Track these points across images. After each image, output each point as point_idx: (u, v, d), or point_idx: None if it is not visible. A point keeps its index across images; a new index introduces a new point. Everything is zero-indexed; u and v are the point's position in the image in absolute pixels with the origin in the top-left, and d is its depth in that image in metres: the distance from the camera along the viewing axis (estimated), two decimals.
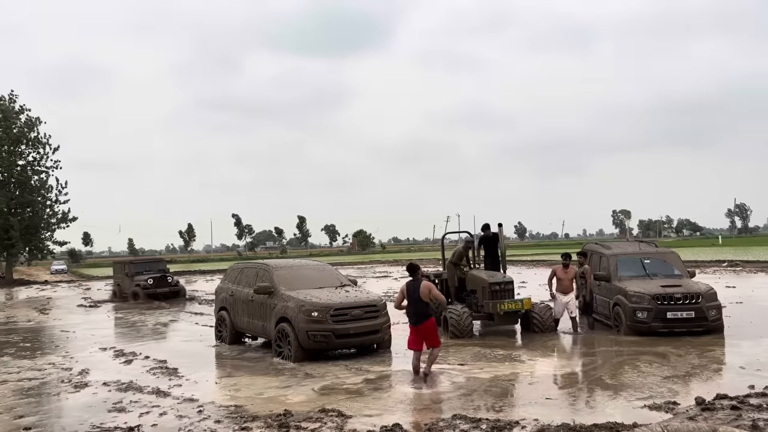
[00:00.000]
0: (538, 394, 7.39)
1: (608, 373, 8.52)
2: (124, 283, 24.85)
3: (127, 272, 24.88)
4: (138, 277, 24.35)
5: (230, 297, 12.10)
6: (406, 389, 7.97)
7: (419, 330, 8.50)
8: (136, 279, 24.28)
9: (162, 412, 7.13)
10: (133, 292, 23.79)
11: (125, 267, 25.52)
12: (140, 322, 16.93)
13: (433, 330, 8.57)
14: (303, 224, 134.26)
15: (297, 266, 11.85)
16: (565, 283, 11.93)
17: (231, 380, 8.95)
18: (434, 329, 8.60)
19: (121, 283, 25.20)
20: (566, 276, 11.94)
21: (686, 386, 7.56)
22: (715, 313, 11.07)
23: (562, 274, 11.97)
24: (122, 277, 25.13)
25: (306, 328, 9.75)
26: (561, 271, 12.00)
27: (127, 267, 25.39)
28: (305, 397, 7.67)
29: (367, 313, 10.15)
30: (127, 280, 24.61)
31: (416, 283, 8.63)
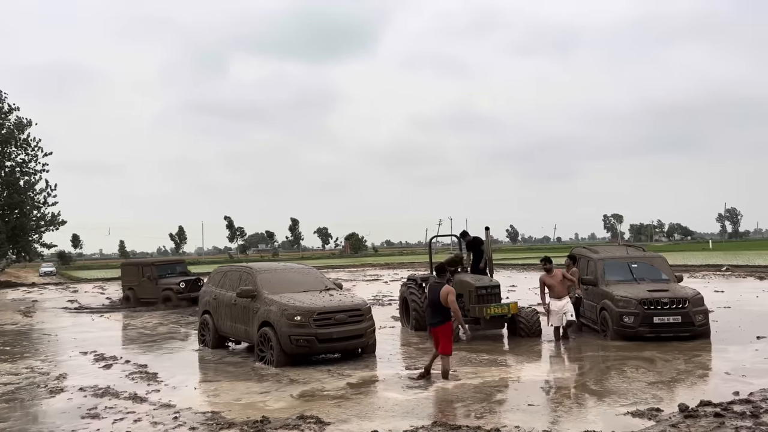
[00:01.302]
0: (521, 400, 7.28)
1: (593, 378, 8.43)
2: (144, 287, 22.58)
3: (149, 275, 22.47)
4: (164, 281, 22.11)
5: (213, 300, 11.93)
6: (388, 395, 7.84)
7: (436, 332, 8.50)
8: (162, 282, 22.00)
9: (137, 418, 6.97)
10: (165, 297, 21.48)
11: (145, 269, 22.99)
12: (126, 326, 16.72)
13: (448, 334, 8.47)
14: (296, 227, 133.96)
15: (281, 269, 11.70)
16: (557, 288, 11.35)
17: (211, 385, 8.79)
18: (448, 334, 8.48)
19: (136, 287, 22.94)
20: (554, 280, 11.40)
21: (671, 392, 7.48)
22: (702, 318, 11.01)
23: (550, 279, 11.43)
24: (140, 280, 22.84)
25: (288, 333, 9.60)
26: (547, 278, 11.45)
27: (150, 269, 22.87)
28: (285, 403, 7.53)
29: (351, 317, 10.01)
30: (149, 284, 22.31)
31: (438, 286, 8.60)
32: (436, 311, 8.54)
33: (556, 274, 11.39)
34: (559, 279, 11.38)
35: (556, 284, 11.32)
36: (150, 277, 22.43)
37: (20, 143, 40.82)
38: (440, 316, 8.50)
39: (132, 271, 23.73)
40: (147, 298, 22.36)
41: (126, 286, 23.84)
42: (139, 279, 22.96)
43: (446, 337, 8.46)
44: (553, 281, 11.35)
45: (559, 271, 11.46)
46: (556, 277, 11.37)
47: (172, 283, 21.95)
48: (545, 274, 11.49)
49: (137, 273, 23.11)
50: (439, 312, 8.49)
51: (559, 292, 11.31)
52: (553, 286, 11.32)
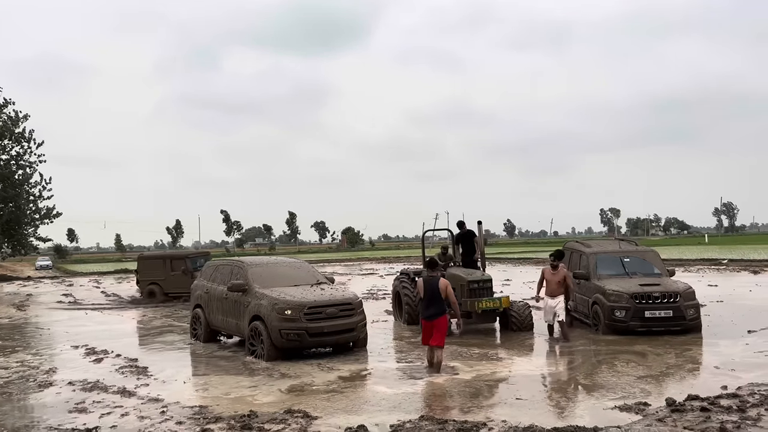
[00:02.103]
0: (510, 394, 7.28)
1: (584, 372, 8.44)
2: (173, 281, 21.68)
3: (184, 268, 21.50)
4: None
5: (205, 294, 11.91)
6: (377, 389, 7.83)
7: (432, 324, 8.50)
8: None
9: (124, 412, 6.94)
10: None
11: (176, 262, 22.14)
12: (118, 321, 16.69)
13: (443, 327, 8.55)
14: (293, 221, 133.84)
15: (272, 264, 11.67)
16: (553, 286, 10.88)
17: (200, 379, 8.77)
18: (444, 327, 8.59)
19: (162, 281, 22.07)
20: (554, 278, 10.89)
21: (659, 386, 7.48)
22: (693, 312, 11.02)
23: (550, 275, 10.99)
24: (167, 274, 22.01)
25: (279, 327, 9.58)
26: (549, 273, 11.03)
27: (183, 262, 21.90)
28: (274, 397, 7.52)
29: (342, 311, 9.99)
30: (181, 277, 21.23)
31: (434, 279, 8.64)
32: (432, 304, 8.56)
33: (559, 272, 10.93)
34: (559, 279, 10.87)
35: (554, 283, 10.87)
36: (185, 271, 21.45)
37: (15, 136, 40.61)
38: (436, 308, 8.53)
39: (156, 265, 22.68)
40: (177, 292, 21.37)
41: (148, 280, 22.62)
42: (167, 272, 22.06)
43: (442, 330, 8.53)
44: (552, 279, 10.91)
45: (563, 271, 10.98)
46: (557, 275, 10.90)
47: None
48: (548, 269, 11.10)
49: (163, 266, 22.21)
50: (436, 305, 8.53)
51: (553, 290, 10.85)
52: (550, 282, 10.92)
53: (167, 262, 22.42)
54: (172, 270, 21.97)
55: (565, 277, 10.91)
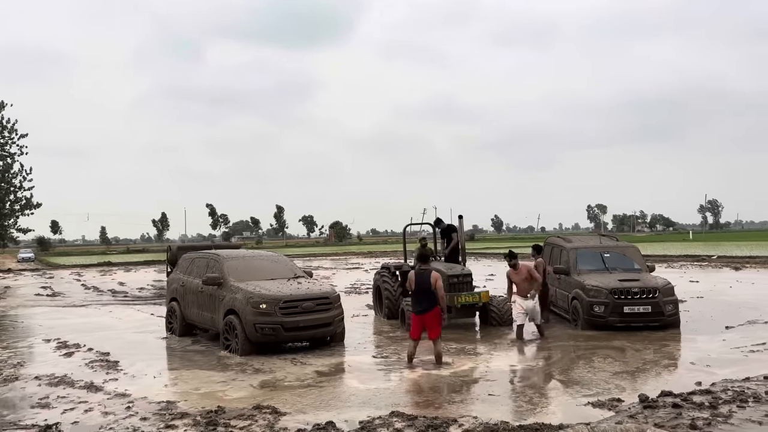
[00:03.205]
0: (484, 390, 7.19)
1: (560, 368, 8.37)
2: None
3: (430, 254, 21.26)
4: None
5: (181, 287, 11.72)
6: (350, 384, 7.72)
7: (425, 318, 8.45)
8: None
9: (88, 408, 6.76)
10: None
11: None
12: (97, 314, 16.42)
13: (437, 319, 8.56)
14: (281, 214, 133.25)
15: (249, 257, 11.50)
16: (521, 286, 10.37)
17: (172, 374, 8.61)
18: (438, 319, 8.59)
19: None
20: (519, 277, 10.39)
21: (634, 382, 7.42)
22: (672, 308, 11.00)
23: (515, 276, 10.47)
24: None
25: (253, 321, 9.42)
26: (513, 274, 10.50)
27: None
28: (245, 392, 7.37)
29: (319, 305, 9.85)
30: None
31: (426, 272, 8.59)
32: (424, 298, 8.50)
33: (521, 270, 10.43)
34: (524, 276, 10.39)
35: (520, 281, 10.39)
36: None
37: None
38: (428, 302, 8.49)
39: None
40: None
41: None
42: None
43: (437, 322, 8.54)
44: (517, 278, 10.43)
45: (524, 268, 10.45)
46: (521, 273, 10.41)
47: None
48: (511, 270, 10.59)
49: None
50: (428, 299, 8.49)
51: (523, 290, 10.39)
52: (518, 283, 10.43)
53: None
54: None
55: (529, 272, 10.38)
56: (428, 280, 8.49)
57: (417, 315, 8.56)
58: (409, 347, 8.70)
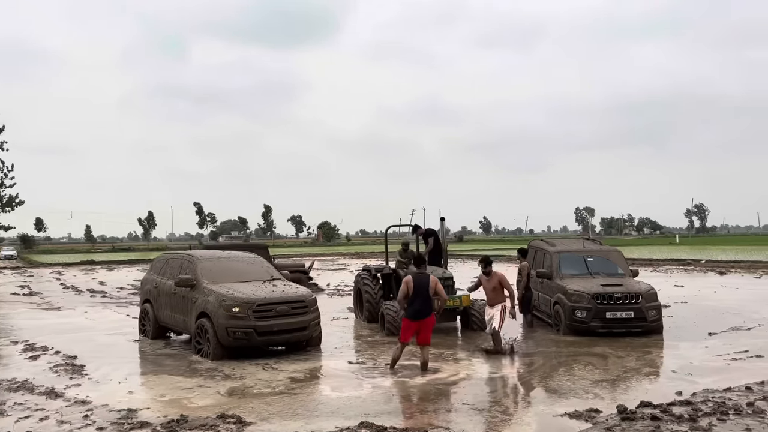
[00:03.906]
0: (459, 398, 6.95)
1: (539, 376, 8.16)
2: None
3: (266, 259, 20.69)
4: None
5: (154, 289, 11.39)
6: (322, 392, 7.47)
7: (420, 324, 8.23)
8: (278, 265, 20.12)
9: (44, 416, 6.44)
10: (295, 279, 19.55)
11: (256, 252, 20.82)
12: (71, 314, 16.01)
13: (431, 325, 8.38)
14: (268, 214, 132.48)
15: (224, 258, 11.20)
16: (489, 294, 9.73)
17: (138, 379, 8.30)
18: (432, 326, 8.41)
19: None
20: (489, 285, 9.71)
21: (614, 392, 7.22)
22: (655, 314, 10.84)
23: (486, 283, 9.81)
24: None
25: (225, 324, 9.13)
26: (484, 280, 9.86)
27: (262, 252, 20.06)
28: (212, 400, 7.08)
29: (294, 309, 9.57)
30: None
31: (424, 276, 8.36)
32: (421, 302, 8.27)
33: (492, 278, 9.71)
34: (493, 285, 9.65)
35: (489, 290, 9.70)
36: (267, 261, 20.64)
37: None
38: (426, 308, 8.29)
39: None
40: None
41: None
42: None
43: (430, 329, 8.35)
44: (487, 285, 9.74)
45: (495, 277, 9.70)
46: (491, 282, 9.69)
47: (294, 266, 20.81)
48: (482, 276, 9.93)
49: None
50: (426, 303, 8.27)
51: (491, 299, 9.72)
52: (487, 291, 9.77)
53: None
54: None
55: (500, 282, 9.64)
56: (426, 284, 8.25)
57: (411, 320, 8.29)
58: (396, 350, 8.45)
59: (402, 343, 8.38)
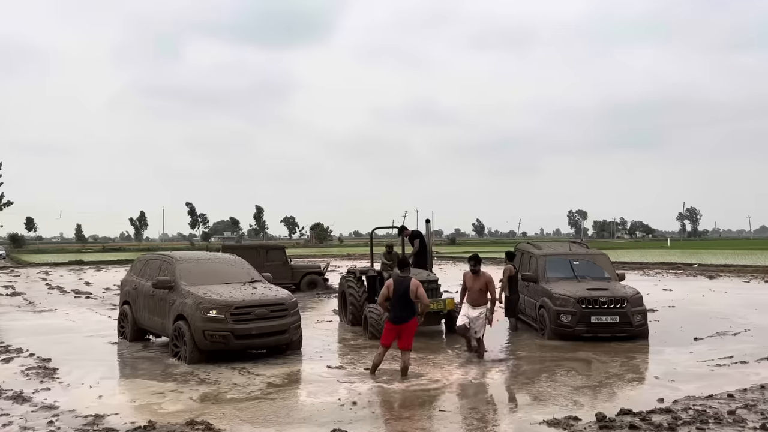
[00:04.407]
0: (436, 405, 6.80)
1: (520, 382, 8.02)
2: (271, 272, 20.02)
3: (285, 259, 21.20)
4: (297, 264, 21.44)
5: (133, 290, 11.19)
6: (299, 397, 7.31)
7: (402, 328, 8.06)
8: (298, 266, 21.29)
9: (8, 422, 6.25)
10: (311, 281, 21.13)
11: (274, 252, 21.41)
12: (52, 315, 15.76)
13: (413, 330, 8.21)
14: (260, 215, 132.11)
15: (204, 260, 11.02)
16: (474, 294, 9.37)
17: (110, 383, 8.10)
18: (414, 330, 8.24)
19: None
20: (476, 285, 9.33)
21: (594, 398, 7.09)
22: (640, 319, 10.73)
23: (471, 282, 9.43)
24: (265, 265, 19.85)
25: (203, 327, 8.95)
26: (470, 279, 9.47)
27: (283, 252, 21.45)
28: (183, 405, 6.90)
29: (274, 312, 9.40)
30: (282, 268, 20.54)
31: (406, 279, 8.19)
32: (403, 306, 8.11)
33: (480, 278, 9.32)
34: (480, 286, 9.27)
35: (475, 291, 9.33)
36: (285, 262, 21.11)
37: None
38: (408, 311, 8.12)
39: (250, 255, 20.49)
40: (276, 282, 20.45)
41: None
42: (261, 263, 20.21)
43: (412, 333, 8.19)
44: (473, 286, 9.35)
45: (484, 278, 9.30)
46: (478, 282, 9.30)
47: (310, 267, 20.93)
48: (469, 274, 9.54)
49: (257, 256, 20.50)
50: (408, 307, 8.12)
51: (475, 299, 9.35)
52: (472, 290, 9.39)
53: (262, 252, 21.29)
54: (269, 261, 20.72)
55: (487, 284, 9.29)
56: (407, 287, 8.09)
57: (393, 324, 8.13)
58: (377, 355, 8.28)
59: (383, 347, 8.21)
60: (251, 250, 22.01)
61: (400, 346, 8.19)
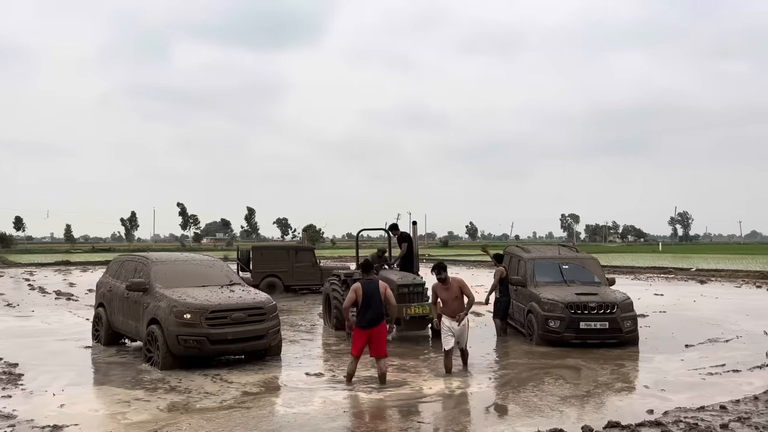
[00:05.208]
0: (414, 416, 6.46)
1: (505, 391, 7.69)
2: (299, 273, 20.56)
3: (313, 261, 20.97)
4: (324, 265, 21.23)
5: (108, 292, 10.80)
6: (272, 406, 6.95)
7: (371, 333, 7.70)
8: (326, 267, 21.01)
9: None
10: None
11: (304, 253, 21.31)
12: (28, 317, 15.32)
13: (384, 335, 7.84)
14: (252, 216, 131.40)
15: (180, 261, 10.64)
16: (450, 305, 8.42)
17: (76, 390, 7.69)
18: (385, 334, 7.86)
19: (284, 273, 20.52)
20: (449, 294, 8.44)
21: (582, 409, 6.78)
22: (630, 325, 10.45)
23: (443, 292, 8.50)
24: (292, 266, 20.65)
25: (176, 332, 8.58)
26: (440, 289, 8.52)
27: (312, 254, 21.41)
28: (148, 415, 6.53)
29: (252, 316, 9.04)
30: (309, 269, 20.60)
31: (373, 282, 7.86)
32: (371, 310, 7.76)
33: (451, 285, 8.48)
34: (455, 294, 8.43)
35: (450, 300, 8.43)
36: (314, 263, 20.87)
37: None
38: (377, 314, 7.78)
39: (277, 256, 21.05)
40: (304, 284, 20.62)
41: (265, 272, 20.56)
42: (290, 264, 20.46)
43: (383, 338, 7.84)
44: (446, 294, 8.48)
45: (456, 283, 8.51)
46: (451, 289, 8.46)
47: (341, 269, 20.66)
48: (437, 284, 8.57)
49: (287, 257, 20.66)
50: (376, 311, 7.77)
51: (453, 309, 8.43)
52: (447, 301, 8.46)
53: (291, 253, 21.05)
54: (298, 262, 20.62)
55: (461, 288, 8.45)
56: (375, 290, 7.77)
57: (363, 329, 7.77)
58: (350, 365, 7.92)
59: (354, 357, 7.86)
60: (281, 250, 21.95)
61: (374, 354, 7.82)
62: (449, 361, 8.49)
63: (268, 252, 21.79)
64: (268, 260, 20.93)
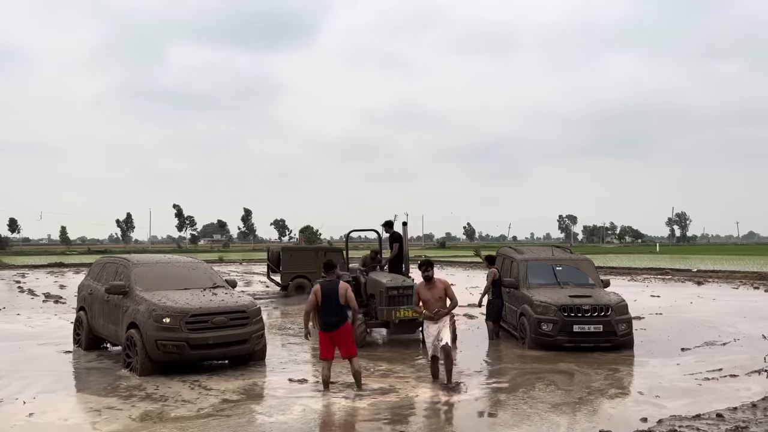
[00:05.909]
0: (396, 426, 6.18)
1: (494, 398, 7.42)
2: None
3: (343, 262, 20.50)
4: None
5: (89, 296, 10.51)
6: (250, 414, 6.66)
7: (334, 336, 7.47)
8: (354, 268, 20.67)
9: None
10: None
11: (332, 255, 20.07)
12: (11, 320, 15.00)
13: (349, 335, 7.63)
14: (248, 217, 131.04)
15: (162, 263, 10.35)
16: (435, 305, 7.92)
17: (48, 398, 7.39)
18: (350, 334, 7.66)
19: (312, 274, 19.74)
20: (432, 294, 7.96)
21: (573, 417, 6.51)
22: (625, 328, 10.18)
23: (425, 292, 8.02)
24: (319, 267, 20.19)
25: (155, 337, 8.29)
26: (424, 288, 8.06)
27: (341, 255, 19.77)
28: (119, 425, 6.25)
29: (234, 320, 8.76)
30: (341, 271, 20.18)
31: (333, 283, 7.63)
32: (333, 311, 7.52)
33: (436, 285, 8.01)
34: (438, 294, 7.94)
35: (432, 299, 7.92)
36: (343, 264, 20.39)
37: None
38: (338, 316, 7.54)
39: (307, 257, 21.04)
40: None
41: (294, 273, 20.69)
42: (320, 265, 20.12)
43: (349, 339, 7.63)
44: (429, 295, 7.97)
45: (441, 283, 8.05)
46: (435, 289, 7.98)
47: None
48: (421, 283, 8.17)
49: (316, 259, 20.10)
50: (338, 312, 7.53)
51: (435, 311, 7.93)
52: (429, 301, 7.94)
53: (320, 254, 20.60)
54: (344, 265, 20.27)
55: (445, 290, 8.01)
56: (335, 291, 7.51)
57: (325, 332, 7.53)
58: (323, 370, 7.63)
59: (325, 361, 7.59)
60: (310, 251, 22.09)
61: (344, 354, 7.61)
62: (436, 367, 8.13)
63: (297, 253, 22.12)
64: (297, 261, 21.17)
